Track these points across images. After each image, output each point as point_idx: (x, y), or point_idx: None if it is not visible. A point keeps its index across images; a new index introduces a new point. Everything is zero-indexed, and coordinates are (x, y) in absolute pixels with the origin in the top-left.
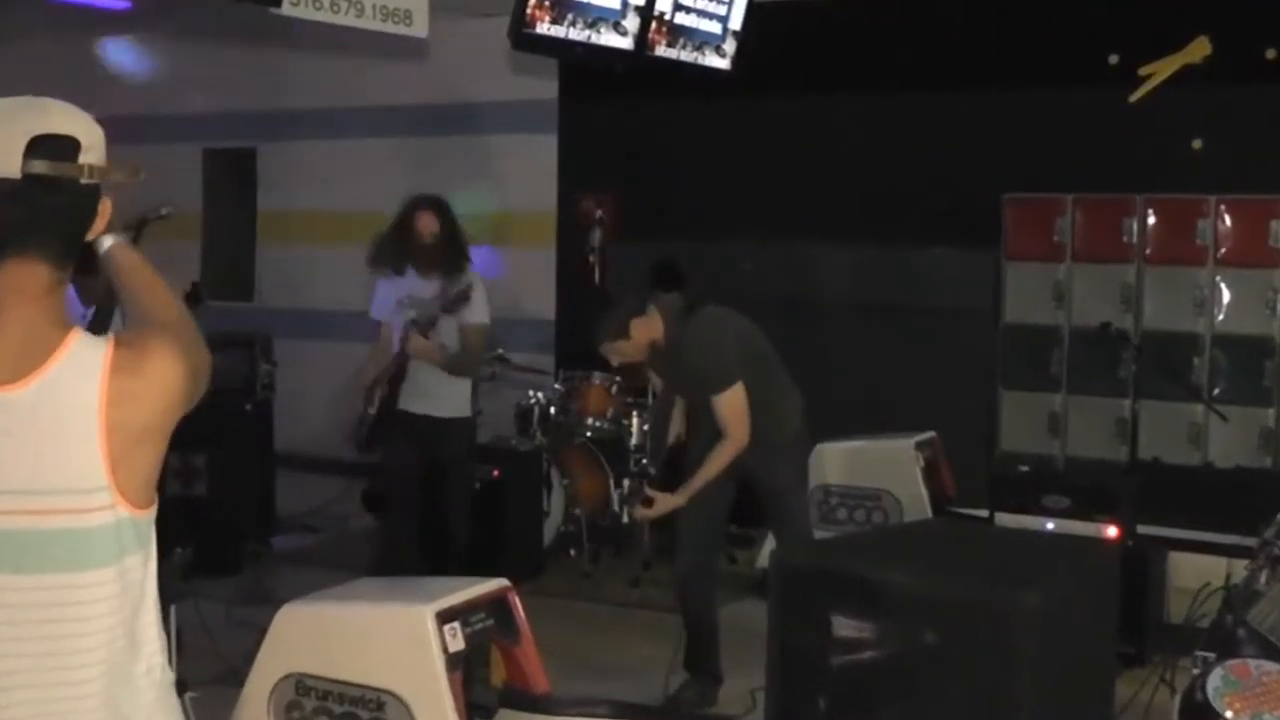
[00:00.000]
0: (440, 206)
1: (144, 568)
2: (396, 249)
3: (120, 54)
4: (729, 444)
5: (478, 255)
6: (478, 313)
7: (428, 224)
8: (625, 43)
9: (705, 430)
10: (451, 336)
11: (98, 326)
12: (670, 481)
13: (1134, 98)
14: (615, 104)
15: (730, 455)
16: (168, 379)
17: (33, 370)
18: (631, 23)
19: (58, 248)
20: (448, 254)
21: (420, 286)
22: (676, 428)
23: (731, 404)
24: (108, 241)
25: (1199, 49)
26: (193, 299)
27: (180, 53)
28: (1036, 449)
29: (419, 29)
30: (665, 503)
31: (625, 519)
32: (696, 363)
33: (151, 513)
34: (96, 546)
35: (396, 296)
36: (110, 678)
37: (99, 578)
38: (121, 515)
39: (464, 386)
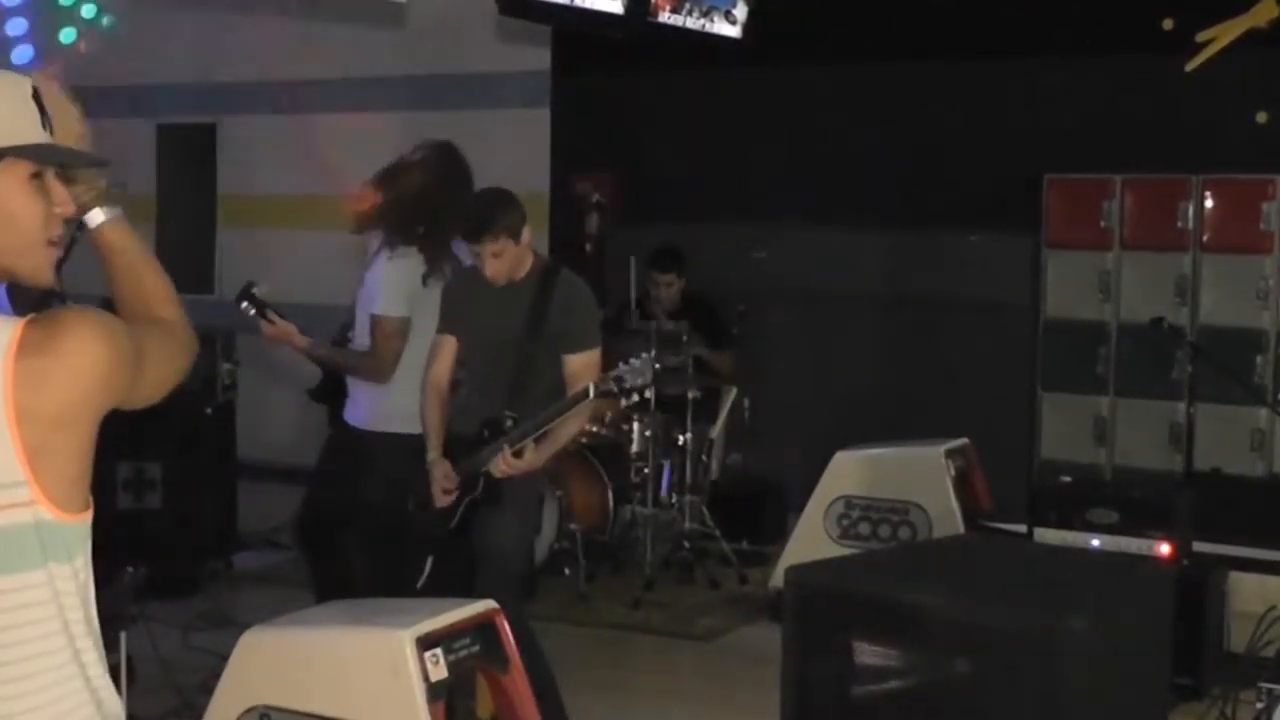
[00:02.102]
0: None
1: (74, 580)
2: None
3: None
4: (588, 405)
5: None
6: (381, 302)
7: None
8: (617, 5)
9: (502, 404)
10: (365, 334)
11: None
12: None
13: (1191, 66)
14: (615, 75)
15: (587, 417)
16: (83, 358)
17: None
18: None
19: None
20: (383, 221)
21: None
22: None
23: (595, 361)
24: (98, 218)
25: (1265, 11)
26: None
27: (132, 17)
28: (1081, 458)
29: None
30: (535, 456)
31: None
32: (582, 314)
33: (83, 521)
34: (15, 548)
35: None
36: (51, 692)
37: (24, 581)
38: (42, 516)
39: (379, 392)
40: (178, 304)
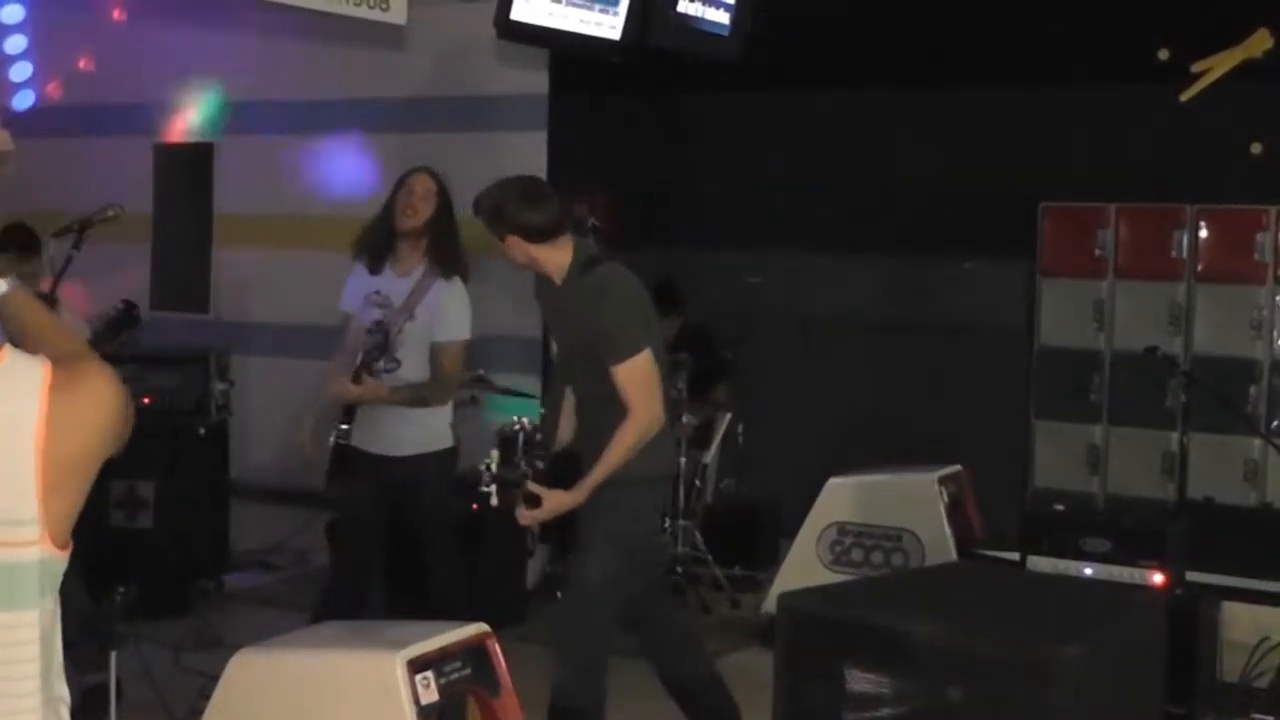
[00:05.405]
0: (439, 177)
1: (53, 614)
2: (380, 231)
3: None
4: (634, 424)
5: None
6: (454, 328)
7: (423, 182)
8: (612, 31)
9: (595, 431)
10: (418, 356)
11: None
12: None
13: (1185, 96)
14: (612, 99)
15: (635, 437)
16: (102, 404)
17: None
18: (630, 10)
19: None
20: (436, 233)
21: (391, 283)
22: (568, 427)
23: (636, 373)
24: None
25: (1259, 42)
26: (127, 320)
27: (130, 36)
28: (1074, 486)
29: (397, 15)
30: (557, 502)
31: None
32: (597, 320)
33: (67, 556)
34: (25, 583)
35: (365, 291)
36: None
37: (27, 619)
38: (44, 554)
39: (437, 413)
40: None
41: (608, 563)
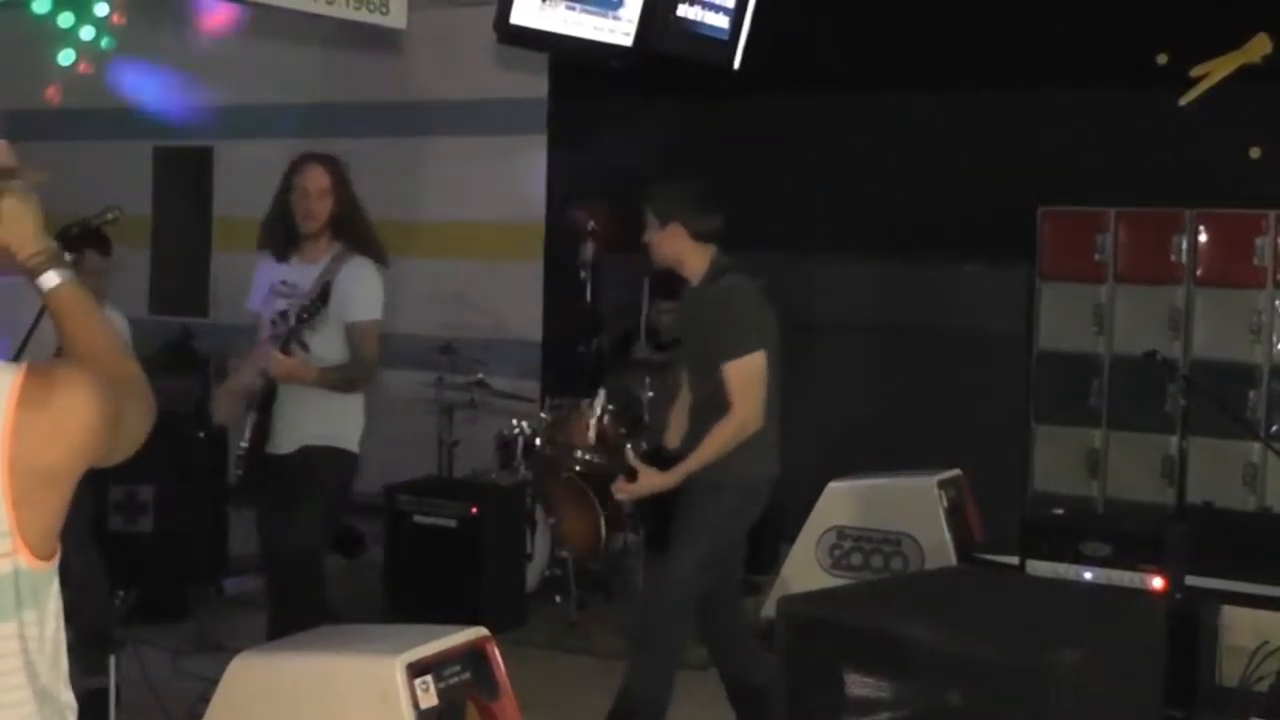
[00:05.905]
0: (332, 162)
1: (40, 626)
2: (278, 223)
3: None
4: (732, 419)
5: (460, 269)
6: (366, 307)
7: (315, 179)
8: (624, 37)
9: (702, 434)
10: (333, 340)
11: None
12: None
13: (1185, 101)
14: (612, 104)
15: (731, 433)
16: (77, 417)
17: None
18: (630, 15)
19: None
20: (342, 223)
21: (299, 272)
22: (678, 432)
23: (744, 370)
24: (52, 280)
25: (1258, 47)
26: (185, 345)
27: (130, 40)
28: (1073, 490)
29: (396, 19)
30: (651, 481)
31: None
32: (713, 320)
33: (53, 567)
34: (1, 596)
35: (271, 281)
36: None
37: (4, 630)
38: (20, 566)
39: (338, 409)
40: (133, 360)
41: (698, 559)
